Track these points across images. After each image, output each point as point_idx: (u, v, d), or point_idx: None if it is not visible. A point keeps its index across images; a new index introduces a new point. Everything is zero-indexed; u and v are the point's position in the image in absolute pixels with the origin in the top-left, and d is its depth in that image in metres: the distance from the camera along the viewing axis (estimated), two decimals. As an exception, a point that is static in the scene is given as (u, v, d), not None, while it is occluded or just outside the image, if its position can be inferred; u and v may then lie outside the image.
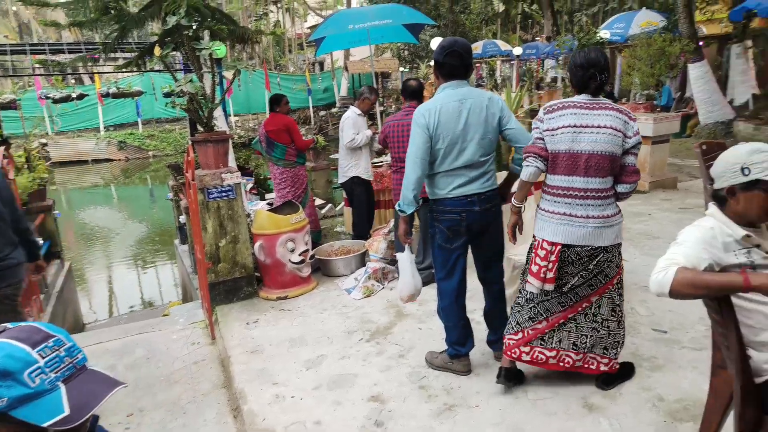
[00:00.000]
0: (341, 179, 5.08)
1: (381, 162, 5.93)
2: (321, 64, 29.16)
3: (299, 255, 4.14)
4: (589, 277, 2.50)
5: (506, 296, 2.98)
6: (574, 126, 2.37)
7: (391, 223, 4.67)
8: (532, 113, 14.38)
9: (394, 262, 4.18)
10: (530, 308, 2.60)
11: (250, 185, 5.85)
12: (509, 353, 2.65)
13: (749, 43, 10.50)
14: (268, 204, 5.11)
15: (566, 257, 2.46)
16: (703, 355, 2.83)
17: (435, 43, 10.13)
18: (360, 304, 3.92)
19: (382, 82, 23.27)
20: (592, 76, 2.37)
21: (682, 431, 2.31)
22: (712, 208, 1.78)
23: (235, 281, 4.12)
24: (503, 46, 21.42)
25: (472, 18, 24.27)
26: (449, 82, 2.66)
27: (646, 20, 11.42)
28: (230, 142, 4.41)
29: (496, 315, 2.93)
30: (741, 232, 1.68)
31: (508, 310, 2.88)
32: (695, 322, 3.18)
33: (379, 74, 22.58)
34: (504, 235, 2.83)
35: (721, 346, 1.85)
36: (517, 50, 19.72)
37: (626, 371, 2.71)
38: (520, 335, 2.63)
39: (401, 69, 24.23)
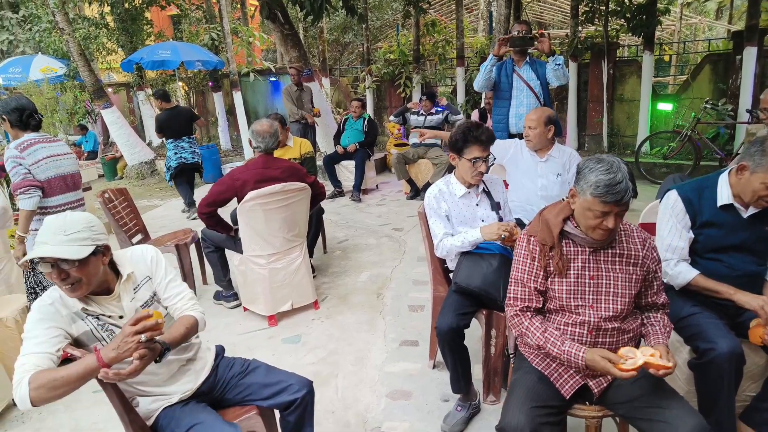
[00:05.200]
0: None
1: None
2: None
3: None
4: None
5: None
6: (51, 156, 3.04)
7: None
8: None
9: None
10: None
11: None
12: None
13: (149, 91, 11.77)
14: None
15: None
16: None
17: None
18: None
19: None
20: (30, 116, 3.01)
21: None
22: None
23: None
24: None
25: None
26: None
27: (45, 65, 10.97)
28: None
29: None
30: (79, 305, 1.65)
31: None
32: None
33: None
34: None
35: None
36: None
37: None
38: None
39: None
